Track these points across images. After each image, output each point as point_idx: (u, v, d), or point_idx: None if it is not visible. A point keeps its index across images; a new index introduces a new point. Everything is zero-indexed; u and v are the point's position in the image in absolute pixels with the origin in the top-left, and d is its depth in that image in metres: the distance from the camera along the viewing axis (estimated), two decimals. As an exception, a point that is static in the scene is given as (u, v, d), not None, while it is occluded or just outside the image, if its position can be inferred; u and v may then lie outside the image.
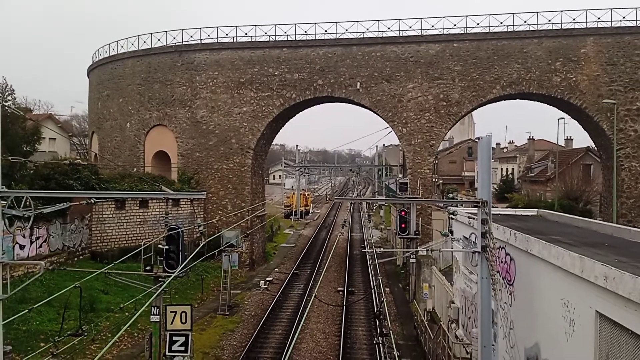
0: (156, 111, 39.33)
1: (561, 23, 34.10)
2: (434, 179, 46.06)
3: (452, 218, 16.87)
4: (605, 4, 36.71)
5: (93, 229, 31.79)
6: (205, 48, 38.13)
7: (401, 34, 35.78)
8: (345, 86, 35.98)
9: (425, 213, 35.05)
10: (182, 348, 13.55)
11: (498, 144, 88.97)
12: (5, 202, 9.55)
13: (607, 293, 7.34)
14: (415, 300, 26.45)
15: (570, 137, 65.29)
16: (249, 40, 37.84)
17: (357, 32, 36.39)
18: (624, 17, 33.41)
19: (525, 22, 34.61)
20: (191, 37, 38.87)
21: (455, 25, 35.58)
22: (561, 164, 49.28)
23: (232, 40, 38.06)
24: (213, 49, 38.01)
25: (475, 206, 9.94)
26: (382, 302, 22.15)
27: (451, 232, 17.84)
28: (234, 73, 37.52)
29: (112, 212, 32.65)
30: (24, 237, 25.45)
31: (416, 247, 28.31)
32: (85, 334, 14.78)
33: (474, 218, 12.86)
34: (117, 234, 32.73)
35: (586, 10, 33.85)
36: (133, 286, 17.13)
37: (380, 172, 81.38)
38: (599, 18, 33.66)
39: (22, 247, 25.36)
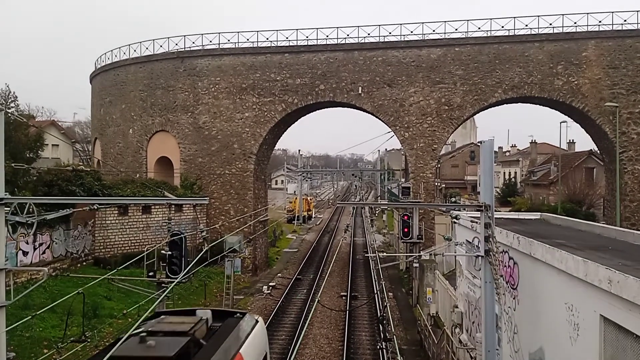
0: (158, 117, 39.44)
1: (562, 27, 34.13)
2: (436, 183, 46.00)
3: (454, 222, 16.84)
4: (606, 7, 36.73)
5: (96, 235, 31.82)
6: (207, 54, 38.26)
7: (402, 39, 35.86)
8: (347, 91, 36.04)
9: (428, 217, 34.99)
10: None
11: (500, 148, 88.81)
12: (8, 209, 9.57)
13: (612, 297, 7.31)
14: (419, 305, 26.39)
15: (572, 140, 65.32)
16: (251, 45, 37.95)
17: (358, 37, 36.53)
18: (625, 20, 33.42)
19: (526, 26, 34.68)
20: (193, 43, 39.06)
21: (456, 29, 35.68)
22: (564, 167, 49.21)
23: (234, 46, 38.19)
24: (215, 55, 38.14)
25: (478, 210, 9.92)
26: (386, 306, 22.08)
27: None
28: (236, 78, 37.62)
29: (115, 218, 32.68)
30: (27, 243, 25.50)
31: (419, 252, 28.26)
32: (89, 340, 14.78)
33: (476, 222, 12.83)
34: (120, 239, 32.76)
35: (587, 13, 33.86)
36: (136, 292, 17.15)
37: (382, 177, 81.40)
38: (600, 21, 33.69)
39: (25, 253, 25.39)
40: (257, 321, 10.27)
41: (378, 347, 20.65)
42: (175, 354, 7.17)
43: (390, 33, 36.43)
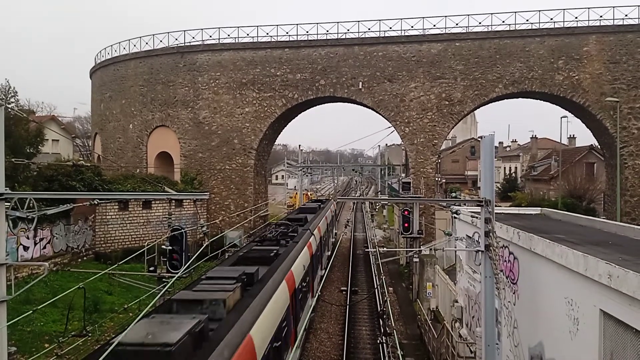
0: (159, 112, 39.41)
1: (563, 21, 34.08)
2: (436, 178, 46.00)
3: (455, 217, 16.86)
4: (607, 2, 36.62)
5: (96, 230, 31.87)
6: (207, 49, 38.19)
7: (403, 34, 35.79)
8: (348, 86, 35.99)
9: (429, 212, 35.03)
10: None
11: (501, 143, 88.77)
12: (9, 204, 9.58)
13: (612, 291, 7.32)
14: (419, 300, 26.44)
15: (573, 135, 65.22)
16: (251, 40, 37.90)
17: (358, 32, 36.48)
18: (626, 15, 33.36)
19: (527, 20, 34.62)
20: (193, 38, 39.00)
21: (457, 24, 35.62)
22: (564, 162, 49.17)
23: (234, 41, 38.13)
24: (215, 50, 38.07)
25: (478, 205, 9.92)
26: (386, 301, 22.10)
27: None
28: (236, 74, 37.56)
29: (115, 213, 32.72)
30: (27, 238, 25.54)
31: (419, 247, 28.28)
32: (90, 334, 14.81)
33: (477, 217, 12.84)
34: (120, 234, 32.80)
35: (588, 8, 33.79)
36: (137, 287, 17.17)
37: (382, 172, 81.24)
38: (601, 16, 33.61)
39: (26, 248, 25.44)
40: (334, 202, 38.02)
41: (378, 341, 20.67)
42: (321, 201, 37.19)
43: (390, 28, 36.40)
